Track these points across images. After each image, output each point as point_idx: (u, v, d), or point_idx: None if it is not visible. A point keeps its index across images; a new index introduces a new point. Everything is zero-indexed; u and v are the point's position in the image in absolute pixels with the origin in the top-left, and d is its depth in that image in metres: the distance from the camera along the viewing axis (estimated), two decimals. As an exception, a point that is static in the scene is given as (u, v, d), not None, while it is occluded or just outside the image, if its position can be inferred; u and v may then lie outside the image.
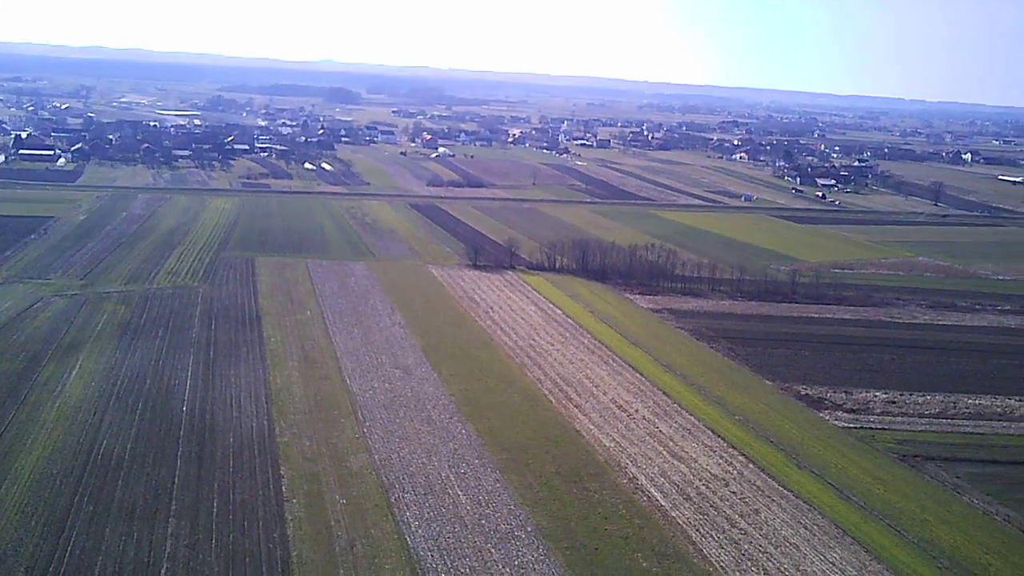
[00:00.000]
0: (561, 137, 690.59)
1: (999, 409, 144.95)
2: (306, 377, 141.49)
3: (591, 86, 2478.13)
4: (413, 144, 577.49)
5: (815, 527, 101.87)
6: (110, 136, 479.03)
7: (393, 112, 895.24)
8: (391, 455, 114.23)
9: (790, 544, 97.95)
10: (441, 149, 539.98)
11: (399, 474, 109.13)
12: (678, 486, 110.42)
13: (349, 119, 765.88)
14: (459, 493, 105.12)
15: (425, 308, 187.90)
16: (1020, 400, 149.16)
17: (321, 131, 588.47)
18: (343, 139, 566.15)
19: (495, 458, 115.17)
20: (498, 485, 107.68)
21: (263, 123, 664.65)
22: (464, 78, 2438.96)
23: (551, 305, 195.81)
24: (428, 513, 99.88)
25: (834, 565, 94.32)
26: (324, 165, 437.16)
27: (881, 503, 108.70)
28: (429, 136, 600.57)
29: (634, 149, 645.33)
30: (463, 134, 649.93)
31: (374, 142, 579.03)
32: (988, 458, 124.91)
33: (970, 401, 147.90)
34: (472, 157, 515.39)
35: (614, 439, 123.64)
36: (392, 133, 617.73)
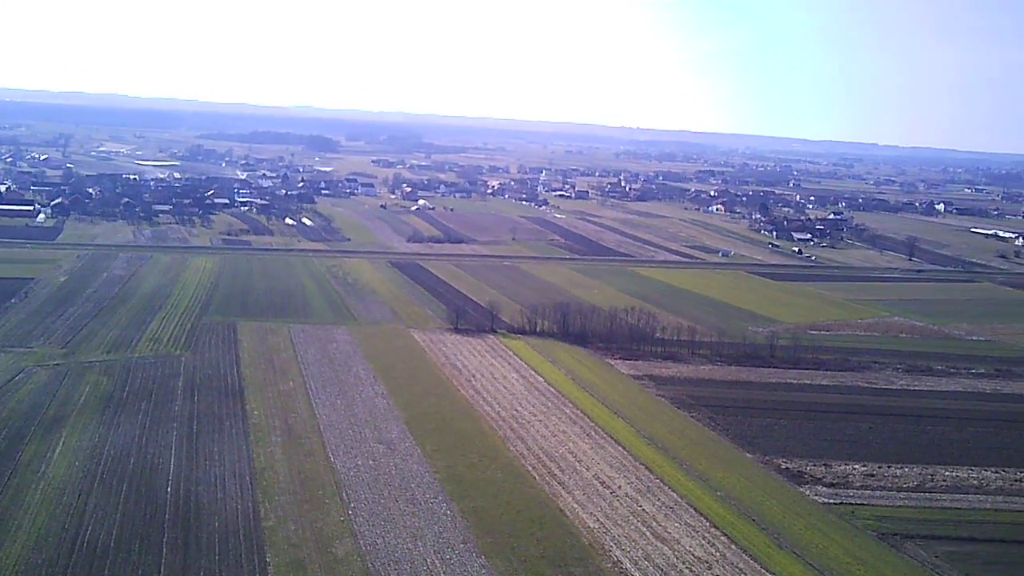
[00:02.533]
0: (540, 188, 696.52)
1: (975, 482, 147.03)
2: (290, 454, 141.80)
3: (568, 132, 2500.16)
4: (393, 196, 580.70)
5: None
6: (90, 190, 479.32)
7: (372, 162, 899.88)
8: (376, 540, 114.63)
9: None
10: (421, 201, 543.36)
11: (384, 560, 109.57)
12: (662, 570, 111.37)
13: (329, 169, 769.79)
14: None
15: (408, 376, 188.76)
16: (995, 471, 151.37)
17: (301, 184, 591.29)
18: (323, 191, 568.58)
19: (480, 542, 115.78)
20: (484, 572, 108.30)
21: (243, 175, 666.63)
22: (441, 124, 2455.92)
23: (533, 372, 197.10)
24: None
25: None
26: (305, 220, 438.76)
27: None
28: (409, 188, 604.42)
29: (612, 200, 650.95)
30: (443, 185, 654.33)
31: (354, 194, 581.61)
32: (966, 535, 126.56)
33: (947, 473, 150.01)
34: (452, 210, 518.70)
35: (598, 519, 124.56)
36: (372, 185, 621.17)
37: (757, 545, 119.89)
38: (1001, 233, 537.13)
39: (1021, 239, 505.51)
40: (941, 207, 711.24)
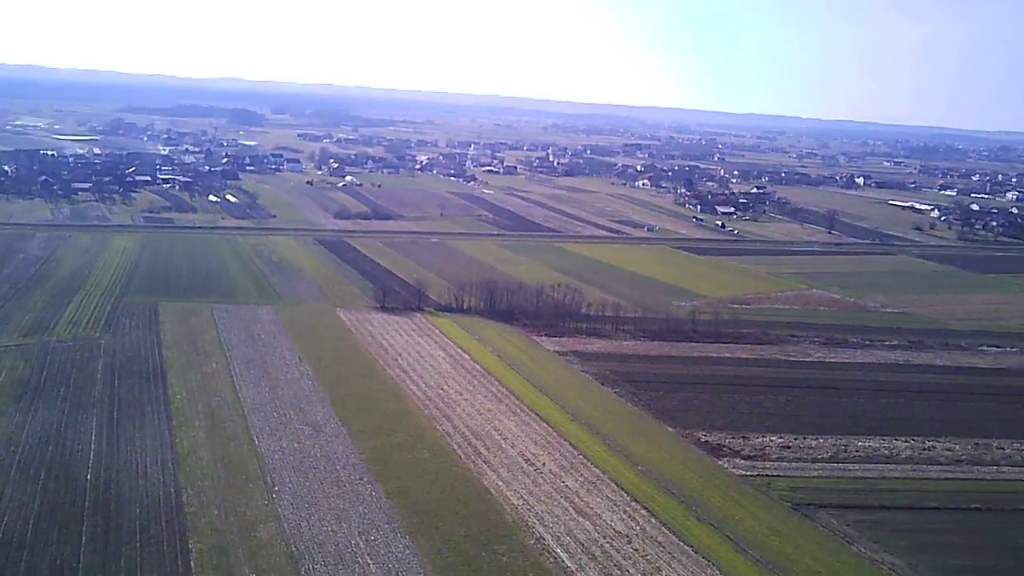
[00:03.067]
0: (468, 163, 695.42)
1: (886, 451, 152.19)
2: (213, 438, 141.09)
3: (497, 105, 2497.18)
4: (320, 172, 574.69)
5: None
6: (5, 167, 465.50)
7: (298, 136, 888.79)
8: (300, 523, 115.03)
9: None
10: (348, 178, 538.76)
11: (308, 543, 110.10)
12: (583, 545, 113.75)
13: (253, 143, 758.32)
14: (369, 562, 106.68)
15: (333, 356, 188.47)
16: (905, 441, 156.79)
17: (225, 159, 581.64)
18: (248, 167, 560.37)
19: (405, 522, 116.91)
20: (408, 552, 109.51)
21: (165, 151, 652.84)
22: (370, 96, 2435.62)
23: (459, 350, 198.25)
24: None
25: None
26: (229, 197, 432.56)
27: (776, 556, 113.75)
28: (336, 164, 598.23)
29: (540, 175, 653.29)
30: (370, 161, 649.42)
31: (280, 170, 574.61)
32: (875, 503, 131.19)
33: (860, 444, 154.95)
34: (380, 186, 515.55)
35: (522, 496, 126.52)
36: (298, 161, 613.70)
37: (676, 518, 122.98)
38: (917, 205, 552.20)
39: (936, 211, 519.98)
40: (861, 180, 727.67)
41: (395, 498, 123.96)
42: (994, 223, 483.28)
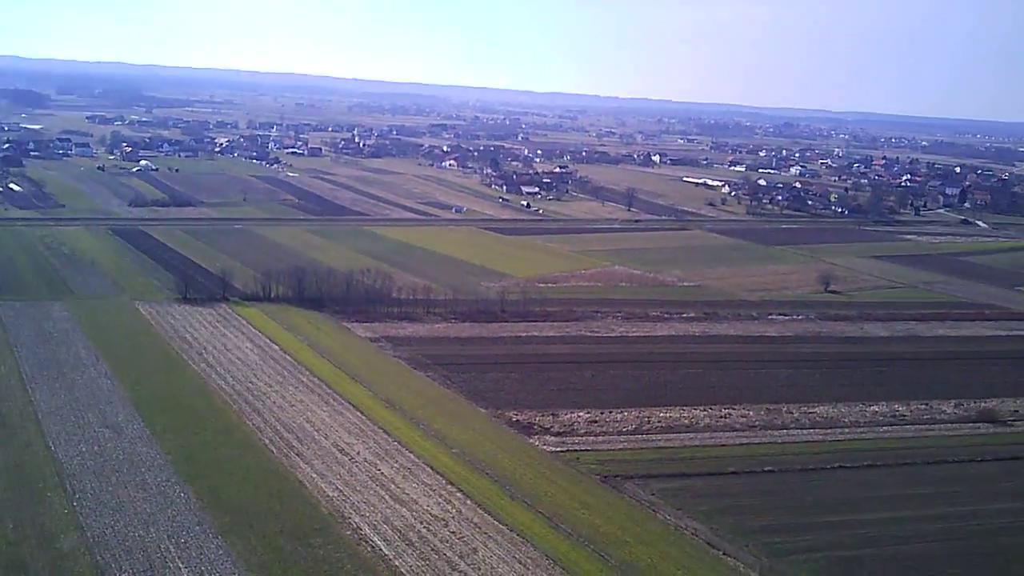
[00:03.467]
0: (271, 145, 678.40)
1: (686, 421, 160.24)
2: (4, 446, 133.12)
3: (299, 83, 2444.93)
4: (112, 157, 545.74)
5: (529, 561, 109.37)
6: None
7: (88, 118, 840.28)
8: (105, 530, 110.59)
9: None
10: (143, 162, 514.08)
11: (115, 552, 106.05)
12: (400, 532, 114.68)
13: (38, 127, 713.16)
14: (181, 566, 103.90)
15: (134, 353, 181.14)
16: (703, 410, 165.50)
17: (7, 144, 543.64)
18: (32, 153, 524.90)
19: (217, 522, 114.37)
20: (221, 552, 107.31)
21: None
22: (163, 75, 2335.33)
23: (268, 341, 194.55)
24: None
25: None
26: (12, 186, 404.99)
27: (587, 528, 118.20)
28: (129, 148, 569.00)
29: (346, 157, 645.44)
30: (166, 144, 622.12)
31: (68, 155, 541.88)
32: (677, 472, 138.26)
33: (662, 414, 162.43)
34: (177, 171, 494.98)
35: (337, 487, 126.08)
36: (88, 145, 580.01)
37: (491, 498, 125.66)
38: (709, 182, 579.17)
39: (727, 187, 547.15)
40: (657, 158, 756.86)
41: (205, 498, 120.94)
42: (779, 197, 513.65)
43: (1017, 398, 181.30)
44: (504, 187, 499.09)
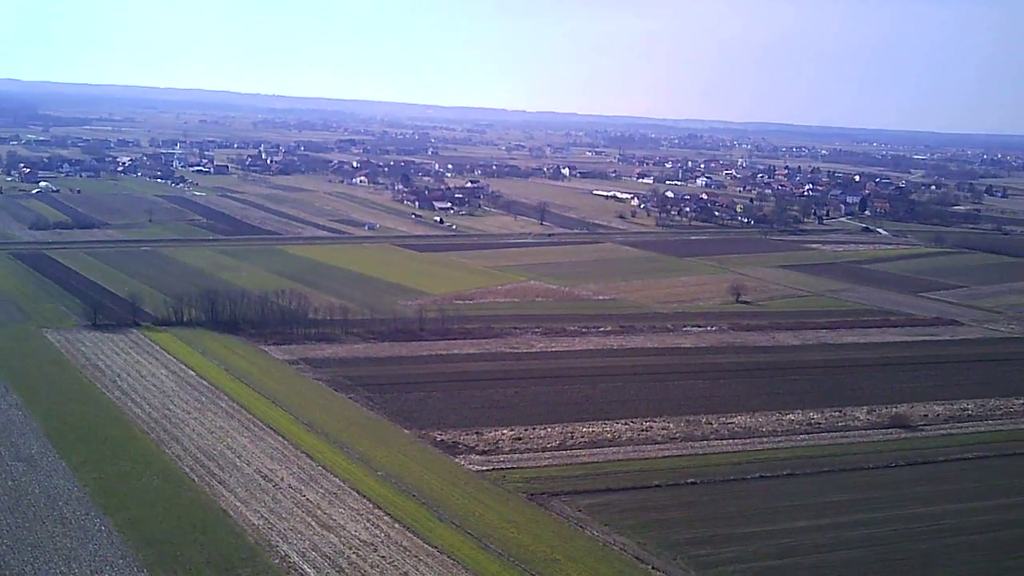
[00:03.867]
0: (176, 164, 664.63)
1: (609, 435, 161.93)
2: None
3: (201, 99, 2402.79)
4: (10, 178, 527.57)
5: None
6: None
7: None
8: (24, 568, 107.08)
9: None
10: (43, 184, 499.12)
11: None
12: (330, 558, 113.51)
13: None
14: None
15: (44, 383, 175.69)
16: (625, 423, 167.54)
17: None
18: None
19: (141, 555, 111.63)
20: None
21: None
22: (59, 92, 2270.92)
23: (183, 366, 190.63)
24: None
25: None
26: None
27: (516, 547, 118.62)
28: (27, 168, 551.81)
29: (254, 174, 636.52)
30: (66, 164, 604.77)
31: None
32: (603, 487, 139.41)
33: (584, 429, 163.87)
34: (79, 192, 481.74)
35: (262, 515, 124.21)
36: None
37: (419, 521, 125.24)
38: (619, 195, 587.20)
39: (636, 200, 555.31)
40: (567, 171, 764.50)
41: (127, 531, 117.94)
42: (687, 209, 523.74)
43: (926, 402, 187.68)
44: (416, 203, 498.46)
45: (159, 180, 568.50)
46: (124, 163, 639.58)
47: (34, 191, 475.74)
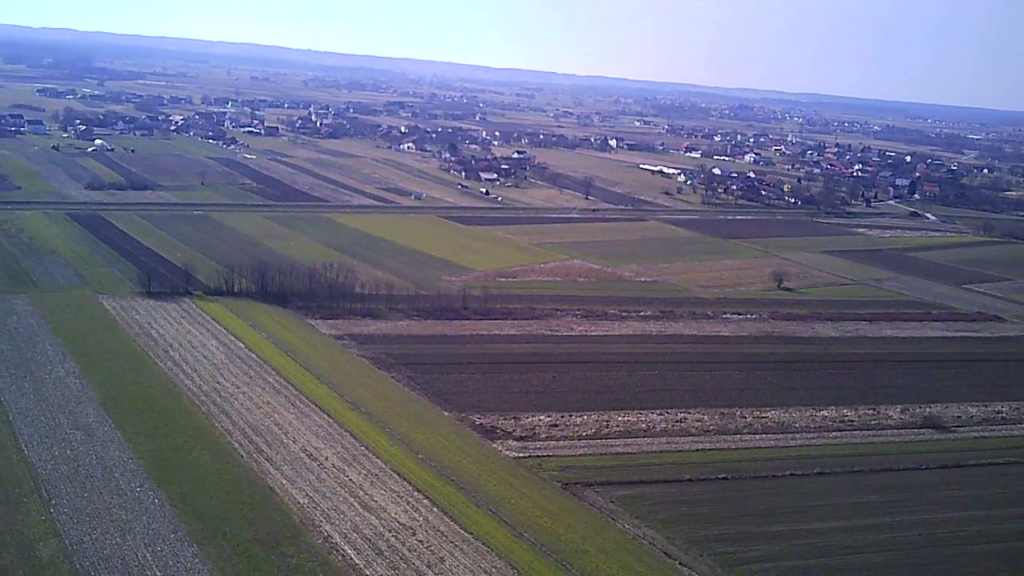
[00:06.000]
0: (227, 124, 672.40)
1: (643, 425, 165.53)
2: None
3: (253, 54, 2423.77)
4: (66, 135, 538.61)
5: (494, 570, 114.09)
6: None
7: (39, 91, 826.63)
8: (83, 538, 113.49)
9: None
10: (98, 142, 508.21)
11: (93, 559, 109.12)
12: (370, 540, 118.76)
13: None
14: (158, 574, 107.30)
15: (100, 350, 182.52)
16: (660, 414, 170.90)
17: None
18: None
19: (191, 529, 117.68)
20: (197, 561, 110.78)
21: None
22: (114, 43, 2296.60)
23: (233, 338, 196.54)
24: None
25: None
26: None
27: (549, 537, 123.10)
28: (83, 125, 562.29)
29: (304, 137, 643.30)
30: (121, 121, 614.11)
31: (21, 132, 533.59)
32: (635, 479, 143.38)
33: (620, 419, 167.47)
34: (133, 151, 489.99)
35: (307, 494, 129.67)
36: (41, 122, 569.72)
37: (457, 506, 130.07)
38: (665, 170, 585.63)
39: (683, 176, 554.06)
40: (614, 143, 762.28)
41: (178, 504, 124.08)
42: (734, 187, 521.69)
43: (960, 403, 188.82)
44: (463, 173, 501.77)
45: (211, 140, 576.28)
46: (177, 122, 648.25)
47: (89, 148, 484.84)
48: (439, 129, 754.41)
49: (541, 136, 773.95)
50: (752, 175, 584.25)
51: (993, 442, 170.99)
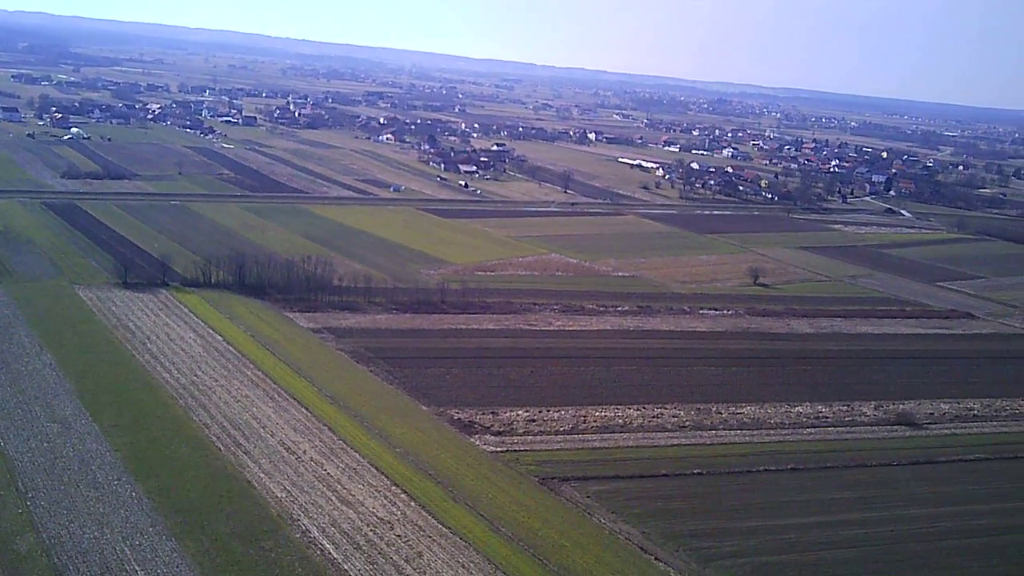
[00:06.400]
0: (205, 113, 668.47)
1: (620, 421, 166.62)
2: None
3: (229, 42, 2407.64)
4: (42, 123, 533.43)
5: (471, 565, 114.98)
6: None
7: (13, 77, 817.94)
8: (60, 532, 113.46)
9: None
10: (74, 130, 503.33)
11: (71, 554, 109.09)
12: (348, 535, 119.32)
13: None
14: (136, 569, 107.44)
15: (77, 342, 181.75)
16: (636, 409, 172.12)
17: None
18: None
19: (169, 523, 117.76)
20: (175, 555, 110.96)
21: None
22: (89, 28, 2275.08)
23: (211, 331, 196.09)
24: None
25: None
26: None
27: (526, 532, 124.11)
28: (59, 113, 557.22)
29: (282, 127, 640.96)
30: (97, 109, 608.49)
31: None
32: (612, 474, 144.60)
33: (597, 414, 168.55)
34: (110, 140, 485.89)
35: (285, 488, 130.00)
36: (16, 109, 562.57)
37: (434, 500, 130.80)
38: (644, 164, 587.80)
39: (661, 170, 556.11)
40: (593, 136, 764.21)
41: (156, 498, 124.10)
42: (712, 181, 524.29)
43: (933, 400, 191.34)
44: (442, 165, 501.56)
45: (188, 130, 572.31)
46: (154, 111, 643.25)
47: (65, 137, 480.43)
48: (418, 120, 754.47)
49: (520, 129, 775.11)
50: (730, 170, 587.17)
51: (965, 439, 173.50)
